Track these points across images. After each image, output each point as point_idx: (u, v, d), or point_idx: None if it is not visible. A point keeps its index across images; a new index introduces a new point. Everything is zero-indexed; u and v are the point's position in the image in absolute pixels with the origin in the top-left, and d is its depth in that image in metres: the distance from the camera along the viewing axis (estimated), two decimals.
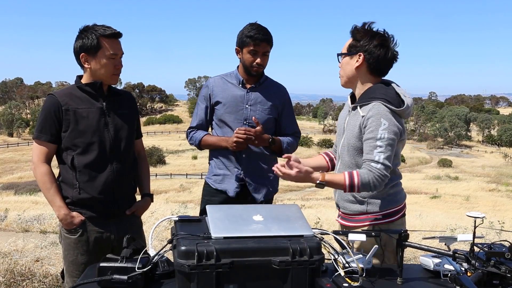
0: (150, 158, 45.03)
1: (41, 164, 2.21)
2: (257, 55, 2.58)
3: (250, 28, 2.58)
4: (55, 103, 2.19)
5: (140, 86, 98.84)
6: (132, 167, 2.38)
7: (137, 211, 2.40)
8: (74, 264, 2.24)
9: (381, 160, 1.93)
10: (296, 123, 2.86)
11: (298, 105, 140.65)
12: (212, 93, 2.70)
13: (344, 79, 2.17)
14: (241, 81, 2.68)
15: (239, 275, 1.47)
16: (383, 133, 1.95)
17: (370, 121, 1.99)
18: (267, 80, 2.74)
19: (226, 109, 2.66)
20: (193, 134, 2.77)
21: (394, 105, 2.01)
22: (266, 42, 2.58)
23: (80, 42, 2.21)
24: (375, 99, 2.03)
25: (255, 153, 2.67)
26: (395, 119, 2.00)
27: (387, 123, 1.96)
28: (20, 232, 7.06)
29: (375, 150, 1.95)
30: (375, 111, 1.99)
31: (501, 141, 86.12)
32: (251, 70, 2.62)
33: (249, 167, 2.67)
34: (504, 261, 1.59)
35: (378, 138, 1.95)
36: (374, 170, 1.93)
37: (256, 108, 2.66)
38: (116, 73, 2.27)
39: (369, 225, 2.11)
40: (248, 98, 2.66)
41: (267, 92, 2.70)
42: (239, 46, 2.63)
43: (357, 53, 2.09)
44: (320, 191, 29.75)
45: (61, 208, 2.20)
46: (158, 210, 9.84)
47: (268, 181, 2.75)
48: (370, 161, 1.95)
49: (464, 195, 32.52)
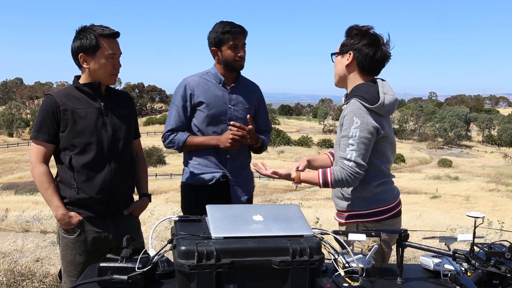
0: (150, 158, 45.02)
1: (39, 164, 2.21)
2: (237, 48, 2.58)
3: (223, 25, 2.58)
4: (53, 103, 2.19)
5: (140, 86, 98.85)
6: (130, 167, 2.38)
7: (135, 211, 2.39)
8: (72, 264, 2.24)
9: (353, 158, 2.00)
10: (269, 119, 2.91)
11: (298, 105, 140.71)
12: (193, 93, 2.63)
13: (336, 77, 2.22)
14: (222, 80, 2.65)
15: (239, 275, 1.47)
16: (354, 132, 2.00)
17: (345, 119, 2.05)
18: (243, 79, 2.75)
19: (211, 110, 2.61)
20: (174, 136, 2.65)
21: (369, 102, 2.03)
22: (243, 34, 2.60)
23: (78, 42, 2.20)
24: (354, 96, 2.07)
25: (238, 153, 2.65)
26: (371, 117, 2.02)
27: (359, 121, 2.01)
28: (20, 232, 7.06)
29: (347, 148, 2.01)
30: (349, 109, 2.04)
31: (501, 141, 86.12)
32: (234, 65, 2.61)
33: (233, 167, 2.65)
34: (504, 261, 1.59)
35: (350, 136, 2.01)
36: (346, 167, 2.01)
37: (238, 108, 2.66)
38: (115, 72, 2.26)
39: (356, 223, 2.14)
40: (230, 98, 2.65)
41: (245, 91, 2.71)
42: (216, 46, 2.61)
43: (347, 51, 2.13)
44: (320, 191, 29.76)
45: (59, 208, 2.20)
46: (158, 210, 9.84)
47: (248, 181, 2.76)
48: (343, 158, 2.02)
49: (464, 195, 32.51)
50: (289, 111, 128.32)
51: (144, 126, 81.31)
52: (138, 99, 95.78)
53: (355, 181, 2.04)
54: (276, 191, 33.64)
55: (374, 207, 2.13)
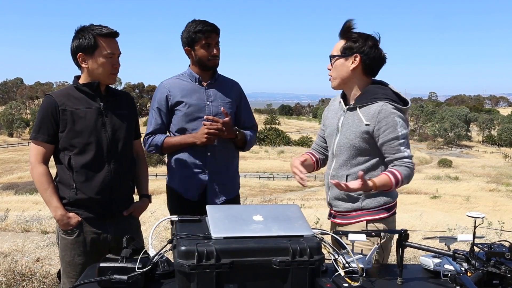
0: (150, 158, 44.99)
1: (39, 164, 2.20)
2: (211, 47, 2.57)
3: (195, 24, 2.56)
4: (52, 103, 2.18)
5: (140, 86, 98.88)
6: (130, 167, 2.37)
7: (134, 212, 2.39)
8: (71, 265, 2.23)
9: (409, 154, 2.10)
10: (253, 117, 2.86)
11: (298, 105, 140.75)
12: (169, 95, 2.62)
13: (338, 80, 2.22)
14: (197, 78, 2.64)
15: (239, 275, 1.47)
16: (401, 130, 2.08)
17: (385, 122, 2.08)
18: (220, 76, 2.73)
19: (189, 108, 2.60)
20: (152, 139, 2.64)
21: (398, 103, 2.11)
22: (215, 32, 2.58)
23: (77, 42, 2.20)
24: (379, 99, 2.10)
25: (220, 150, 2.62)
26: (403, 115, 2.12)
27: (401, 120, 2.09)
28: (20, 232, 7.06)
29: (401, 148, 2.08)
30: (387, 112, 2.08)
31: (501, 141, 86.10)
32: (208, 64, 2.60)
33: (214, 165, 2.62)
34: (504, 261, 1.59)
35: (400, 136, 2.08)
36: (409, 164, 2.10)
37: (217, 104, 2.63)
38: (114, 72, 2.26)
39: (364, 221, 2.16)
40: (208, 94, 2.64)
41: (223, 88, 2.69)
42: (189, 45, 2.60)
43: (352, 54, 2.13)
44: (320, 191, 29.77)
45: (57, 209, 2.19)
46: (158, 210, 9.84)
47: (230, 181, 2.72)
48: (402, 158, 2.09)
49: (464, 195, 32.52)
50: (289, 111, 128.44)
51: (144, 126, 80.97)
52: (138, 99, 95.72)
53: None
54: (276, 191, 33.65)
55: (383, 204, 2.16)
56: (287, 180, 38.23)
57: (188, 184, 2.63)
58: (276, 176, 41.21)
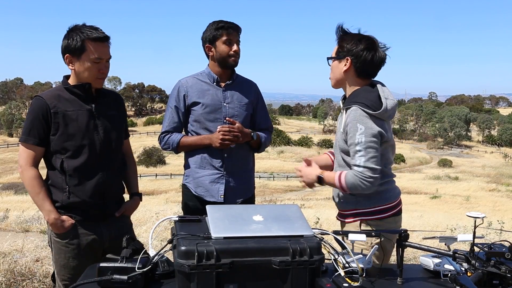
0: (150, 158, 45.03)
1: (29, 167, 2.15)
2: (232, 43, 2.59)
3: (217, 23, 2.60)
4: (43, 105, 2.13)
5: (140, 86, 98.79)
6: (121, 168, 2.36)
7: (126, 211, 2.37)
8: (65, 268, 2.20)
9: (362, 163, 2.01)
10: (269, 118, 2.88)
11: (298, 105, 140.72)
12: (187, 94, 2.63)
13: (333, 81, 2.26)
14: (215, 79, 2.65)
15: (239, 275, 1.47)
16: (360, 138, 2.03)
17: (349, 127, 2.07)
18: (238, 77, 2.74)
19: (205, 109, 2.61)
20: (168, 137, 2.66)
21: (372, 108, 2.06)
22: (236, 31, 2.61)
23: (66, 43, 2.15)
24: (355, 103, 2.09)
25: (237, 152, 2.64)
26: (374, 122, 2.05)
27: (363, 127, 2.03)
28: (20, 232, 7.05)
29: (356, 155, 2.03)
30: (352, 117, 2.07)
31: (501, 141, 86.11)
32: (228, 61, 2.60)
33: (231, 167, 2.64)
34: (504, 261, 1.59)
35: (357, 143, 2.03)
36: (358, 173, 2.02)
37: (234, 106, 2.64)
38: (100, 77, 2.20)
39: (359, 221, 2.16)
40: (225, 96, 2.64)
41: (241, 89, 2.70)
42: (210, 42, 2.61)
43: (344, 57, 2.14)
44: (320, 191, 29.76)
45: (51, 213, 2.14)
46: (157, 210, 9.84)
47: (247, 182, 2.74)
48: (354, 165, 2.04)
49: (464, 195, 32.51)
50: (289, 111, 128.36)
51: (144, 126, 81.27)
52: (138, 99, 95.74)
53: (370, 186, 2.02)
54: (276, 191, 33.64)
55: (378, 205, 2.14)
56: (287, 180, 38.23)
57: (205, 185, 2.63)
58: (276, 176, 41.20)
